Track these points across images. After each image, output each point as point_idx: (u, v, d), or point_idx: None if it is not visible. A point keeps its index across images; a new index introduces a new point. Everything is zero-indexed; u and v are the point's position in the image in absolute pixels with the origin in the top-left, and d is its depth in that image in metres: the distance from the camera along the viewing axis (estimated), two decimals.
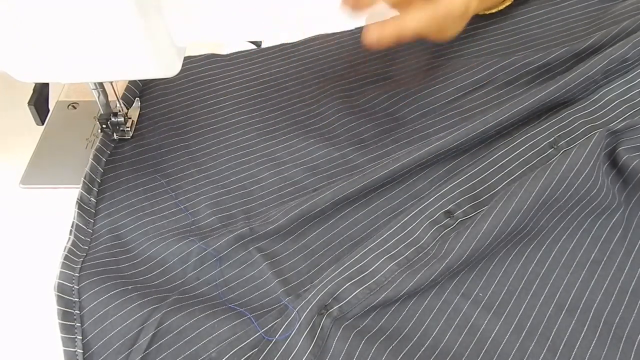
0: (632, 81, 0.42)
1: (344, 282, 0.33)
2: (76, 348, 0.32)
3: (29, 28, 0.31)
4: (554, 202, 0.35)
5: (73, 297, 0.34)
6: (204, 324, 0.32)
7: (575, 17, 0.52)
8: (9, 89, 0.45)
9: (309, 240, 0.37)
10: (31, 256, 0.38)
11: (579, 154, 0.36)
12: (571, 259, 0.35)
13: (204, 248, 0.36)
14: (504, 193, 0.35)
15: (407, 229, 0.36)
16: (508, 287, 0.34)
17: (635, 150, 0.38)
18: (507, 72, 0.46)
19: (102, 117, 0.42)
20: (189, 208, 0.39)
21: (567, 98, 0.43)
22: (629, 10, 0.50)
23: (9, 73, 0.34)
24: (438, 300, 0.34)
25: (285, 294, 0.34)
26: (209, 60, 0.50)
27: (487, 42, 0.51)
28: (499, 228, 0.34)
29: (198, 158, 0.43)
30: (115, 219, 0.39)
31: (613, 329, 0.32)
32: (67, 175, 0.42)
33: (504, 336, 0.32)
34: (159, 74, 0.34)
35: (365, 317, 0.33)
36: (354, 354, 0.31)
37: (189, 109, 0.46)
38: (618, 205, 0.37)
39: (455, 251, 0.33)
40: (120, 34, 0.31)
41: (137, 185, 0.41)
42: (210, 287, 0.35)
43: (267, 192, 0.40)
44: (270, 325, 0.32)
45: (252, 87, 0.48)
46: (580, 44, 0.45)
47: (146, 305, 0.33)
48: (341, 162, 0.42)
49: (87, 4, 0.30)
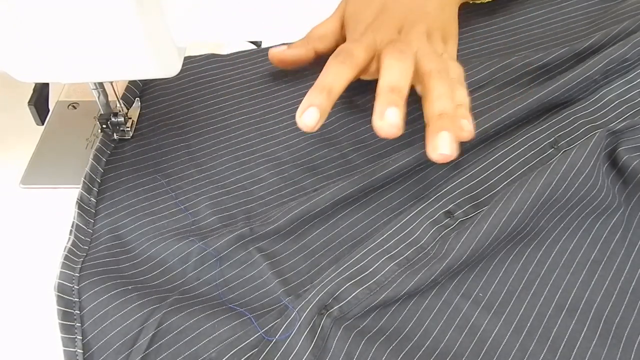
0: (632, 81, 0.42)
1: (344, 282, 0.33)
2: (76, 348, 0.32)
3: (29, 28, 0.31)
4: (554, 202, 0.35)
5: (73, 297, 0.34)
6: (204, 324, 0.32)
7: (575, 17, 0.52)
8: (9, 89, 0.45)
9: (309, 240, 0.37)
10: (31, 256, 0.38)
11: (579, 154, 0.36)
12: (571, 259, 0.35)
13: (204, 248, 0.36)
14: (504, 193, 0.35)
15: (407, 229, 0.36)
16: (508, 287, 0.34)
17: (636, 151, 0.38)
18: (507, 72, 0.46)
19: (102, 117, 0.42)
20: (189, 208, 0.39)
21: (567, 98, 0.43)
22: (629, 10, 0.50)
23: (9, 73, 0.33)
24: (438, 300, 0.34)
25: (286, 294, 0.34)
26: (209, 60, 0.50)
27: (487, 42, 0.51)
28: (499, 228, 0.34)
29: (198, 158, 0.43)
30: (115, 219, 0.39)
31: (613, 329, 0.32)
32: (67, 175, 0.42)
33: (504, 336, 0.32)
34: (159, 74, 0.34)
35: (366, 317, 0.33)
36: (354, 354, 0.31)
37: (189, 109, 0.46)
38: (618, 205, 0.37)
39: (455, 251, 0.33)
40: (120, 33, 0.31)
41: (137, 185, 0.41)
42: (211, 287, 0.35)
43: (268, 192, 0.40)
44: (270, 325, 0.32)
45: (252, 87, 0.48)
46: (580, 44, 0.45)
47: (146, 306, 0.33)
48: (341, 162, 0.42)
49: (87, 3, 0.30)
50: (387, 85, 0.35)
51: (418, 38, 0.41)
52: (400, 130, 0.34)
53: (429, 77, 0.37)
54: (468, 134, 0.36)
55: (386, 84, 0.35)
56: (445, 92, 0.36)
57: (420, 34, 0.41)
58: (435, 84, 0.36)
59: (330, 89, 0.35)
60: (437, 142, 0.34)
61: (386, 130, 0.34)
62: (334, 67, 0.36)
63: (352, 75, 0.37)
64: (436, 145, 0.34)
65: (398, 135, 0.34)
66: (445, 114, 0.35)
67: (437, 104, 0.36)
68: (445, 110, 0.35)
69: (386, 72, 0.36)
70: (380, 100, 0.34)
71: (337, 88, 0.36)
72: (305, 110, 0.35)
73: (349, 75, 0.36)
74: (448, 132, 0.34)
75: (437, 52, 0.40)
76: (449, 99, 0.36)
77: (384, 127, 0.34)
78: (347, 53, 0.37)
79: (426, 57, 0.38)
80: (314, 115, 0.34)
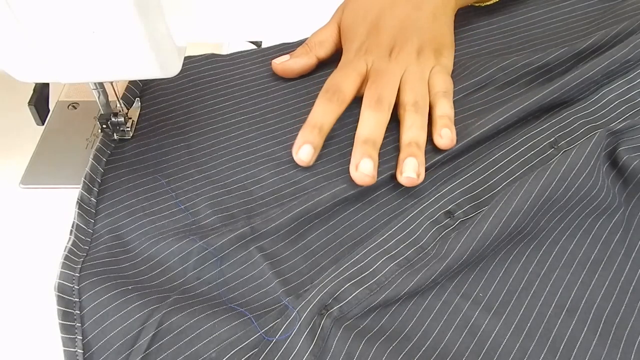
0: (633, 81, 0.42)
1: (344, 283, 0.33)
2: (76, 348, 0.32)
3: (29, 28, 0.31)
4: (554, 202, 0.35)
5: (73, 297, 0.34)
6: (204, 324, 0.32)
7: (575, 17, 0.52)
8: (9, 89, 0.45)
9: (310, 240, 0.37)
10: (31, 256, 0.38)
11: (579, 154, 0.36)
12: (571, 259, 0.35)
13: (205, 247, 0.36)
14: (505, 193, 0.35)
15: (408, 229, 0.36)
16: (508, 288, 0.34)
17: (636, 151, 0.38)
18: (507, 72, 0.46)
19: (102, 117, 0.42)
20: (189, 208, 0.39)
21: (567, 98, 0.43)
22: (629, 11, 0.50)
23: (9, 73, 0.33)
24: (438, 300, 0.34)
25: (286, 294, 0.34)
26: (209, 60, 0.50)
27: (487, 42, 0.51)
28: (499, 228, 0.34)
29: (198, 158, 0.43)
30: (115, 219, 0.39)
31: (613, 330, 0.32)
32: (67, 175, 0.42)
33: (504, 336, 0.32)
34: (159, 74, 0.34)
35: (366, 318, 0.33)
36: (354, 354, 0.31)
37: (189, 109, 0.46)
38: (618, 205, 0.37)
39: (455, 251, 0.33)
40: (120, 33, 0.31)
41: (137, 185, 0.41)
42: (211, 287, 0.35)
43: (268, 192, 0.40)
44: (271, 325, 0.32)
45: (252, 87, 0.48)
46: (580, 44, 0.45)
47: (146, 306, 0.33)
48: (341, 162, 0.42)
49: (87, 4, 0.30)
50: (362, 136, 0.39)
51: (408, 58, 0.44)
52: (373, 179, 0.38)
53: (404, 110, 0.41)
54: (448, 141, 0.39)
55: (361, 136, 0.39)
56: (415, 123, 0.40)
57: (411, 53, 0.44)
58: (407, 116, 0.41)
59: (321, 126, 0.40)
60: (404, 167, 0.38)
61: (360, 180, 0.38)
62: (323, 105, 0.41)
63: (340, 111, 0.41)
64: (402, 169, 0.38)
65: (372, 183, 0.38)
66: (414, 142, 0.39)
67: (408, 134, 0.40)
68: (414, 139, 0.39)
69: (362, 124, 0.40)
70: (355, 152, 0.39)
71: (326, 125, 0.40)
72: (301, 147, 0.39)
73: (337, 113, 0.41)
74: (414, 159, 0.38)
75: (422, 75, 0.43)
76: (418, 128, 0.40)
77: (357, 177, 0.38)
78: (336, 89, 0.41)
79: (407, 86, 0.42)
80: (309, 151, 0.39)
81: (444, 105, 0.41)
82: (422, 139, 0.40)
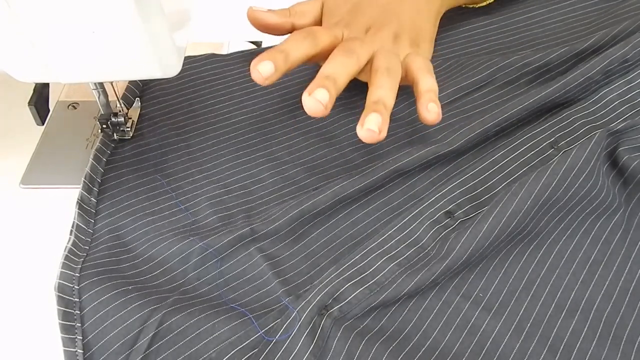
0: (633, 81, 0.42)
1: (344, 283, 0.33)
2: (76, 348, 0.32)
3: (29, 28, 0.31)
4: (554, 203, 0.35)
5: (73, 298, 0.34)
6: (204, 325, 0.32)
7: (575, 17, 0.52)
8: (9, 89, 0.45)
9: (310, 240, 0.37)
10: (31, 256, 0.38)
11: (580, 154, 0.36)
12: (571, 260, 0.35)
13: (205, 248, 0.36)
14: (505, 193, 0.35)
15: (408, 229, 0.36)
16: (508, 288, 0.34)
17: (636, 151, 0.38)
18: (507, 72, 0.46)
19: (102, 117, 0.42)
20: (189, 208, 0.39)
21: (567, 98, 0.43)
22: (629, 11, 0.50)
23: (9, 73, 0.33)
24: (438, 300, 0.34)
25: (286, 294, 0.34)
26: (209, 60, 0.50)
27: (487, 42, 0.51)
28: (499, 228, 0.34)
29: (198, 158, 0.43)
30: (115, 219, 0.39)
31: (613, 330, 0.32)
32: (67, 175, 0.42)
33: (504, 337, 0.32)
34: (159, 74, 0.34)
35: (366, 318, 0.33)
36: (354, 355, 0.31)
37: (189, 109, 0.46)
38: (618, 205, 0.37)
39: (455, 251, 0.33)
40: (120, 33, 0.31)
41: (137, 185, 0.41)
42: (211, 287, 0.35)
43: (268, 192, 0.40)
44: (271, 325, 0.32)
45: (252, 87, 0.48)
46: (580, 44, 0.45)
47: (146, 306, 0.33)
48: (341, 162, 0.42)
49: (87, 4, 0.30)
50: (324, 72, 0.37)
51: (383, 39, 0.43)
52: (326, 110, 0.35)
53: (375, 73, 0.38)
54: (435, 115, 0.37)
55: (324, 72, 0.37)
56: (385, 84, 0.37)
57: (387, 36, 0.43)
58: (378, 76, 0.38)
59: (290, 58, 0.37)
60: (366, 120, 0.35)
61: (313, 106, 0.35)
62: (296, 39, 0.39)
63: (314, 50, 0.39)
64: (364, 122, 0.35)
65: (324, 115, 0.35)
66: (381, 101, 0.36)
67: (376, 92, 0.37)
68: (382, 98, 0.37)
69: (327, 63, 0.37)
70: (312, 83, 0.36)
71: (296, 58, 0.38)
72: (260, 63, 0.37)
73: (309, 50, 0.39)
74: (379, 115, 0.35)
75: (395, 53, 0.41)
76: (387, 89, 0.37)
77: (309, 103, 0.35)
78: (310, 30, 0.40)
79: (380, 55, 0.40)
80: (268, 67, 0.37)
81: (429, 80, 0.39)
82: (390, 100, 0.37)
